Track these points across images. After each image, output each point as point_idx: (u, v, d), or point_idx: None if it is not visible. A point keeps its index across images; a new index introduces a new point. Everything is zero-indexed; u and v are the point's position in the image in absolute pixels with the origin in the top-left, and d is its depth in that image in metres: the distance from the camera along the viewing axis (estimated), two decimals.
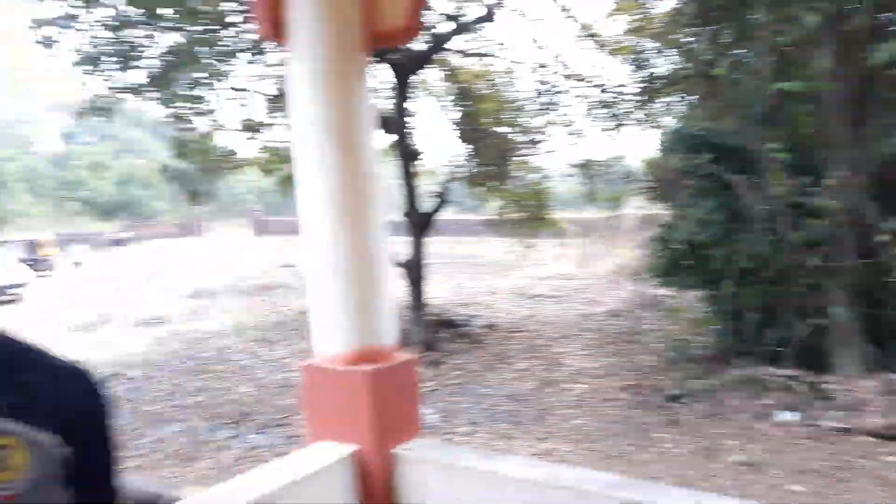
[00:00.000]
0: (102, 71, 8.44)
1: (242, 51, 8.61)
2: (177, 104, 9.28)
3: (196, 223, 45.48)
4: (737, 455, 5.94)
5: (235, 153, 10.59)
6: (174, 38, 8.94)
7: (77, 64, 8.53)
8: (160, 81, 8.78)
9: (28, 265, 23.29)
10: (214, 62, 8.71)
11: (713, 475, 5.59)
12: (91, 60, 8.32)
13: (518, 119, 11.83)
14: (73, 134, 57.87)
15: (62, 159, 52.61)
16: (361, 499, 2.38)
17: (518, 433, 6.97)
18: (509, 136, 11.92)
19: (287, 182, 11.53)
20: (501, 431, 7.05)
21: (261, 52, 8.81)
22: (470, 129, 11.71)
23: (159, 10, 7.59)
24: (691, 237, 8.11)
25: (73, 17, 8.05)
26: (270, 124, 10.53)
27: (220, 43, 8.25)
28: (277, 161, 10.82)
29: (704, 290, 8.74)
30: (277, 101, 10.10)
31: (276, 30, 2.06)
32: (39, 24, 8.41)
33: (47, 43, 8.29)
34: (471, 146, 11.93)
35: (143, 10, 7.71)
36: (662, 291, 11.30)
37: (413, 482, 2.34)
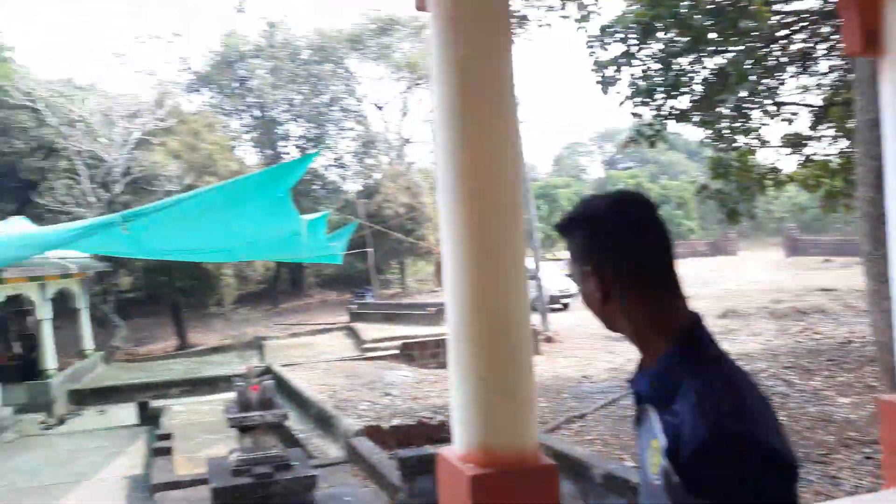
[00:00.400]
0: (654, 101, 9.07)
1: (789, 63, 8.26)
2: (719, 124, 9.38)
3: (727, 242, 45.13)
4: None
5: (779, 170, 10.14)
6: (717, 61, 9.10)
7: (630, 97, 9.36)
8: (703, 104, 9.03)
9: (570, 277, 27.01)
10: (760, 79, 8.56)
11: None
12: (643, 92, 9.03)
13: None
14: (615, 160, 64.13)
15: (604, 183, 58.56)
16: None
17: None
18: None
19: (832, 197, 10.55)
20: None
21: (814, 62, 8.30)
22: None
23: (709, 35, 7.83)
24: None
25: (630, 56, 8.88)
26: (817, 137, 9.80)
27: (767, 59, 8.07)
28: (823, 175, 9.99)
29: None
30: (825, 113, 9.35)
31: (866, 42, 1.98)
32: (600, 66, 9.46)
33: (608, 82, 9.27)
34: None
35: (691, 38, 8.06)
36: None
37: None
